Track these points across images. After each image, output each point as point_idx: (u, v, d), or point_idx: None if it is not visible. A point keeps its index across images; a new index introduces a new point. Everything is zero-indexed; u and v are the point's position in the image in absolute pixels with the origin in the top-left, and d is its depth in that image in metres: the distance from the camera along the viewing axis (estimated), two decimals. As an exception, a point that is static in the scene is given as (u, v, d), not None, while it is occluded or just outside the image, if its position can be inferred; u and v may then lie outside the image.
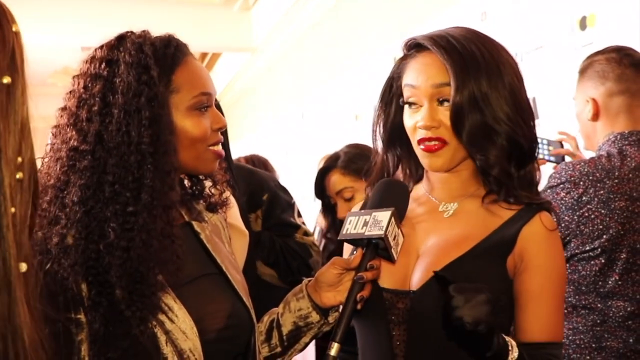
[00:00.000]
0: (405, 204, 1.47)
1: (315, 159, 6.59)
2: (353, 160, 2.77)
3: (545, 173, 2.19)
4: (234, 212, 2.28)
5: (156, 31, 1.42)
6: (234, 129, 8.59)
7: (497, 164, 1.44)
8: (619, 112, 2.18)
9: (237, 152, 3.85)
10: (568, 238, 2.11)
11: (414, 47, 1.52)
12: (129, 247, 1.24)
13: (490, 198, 1.47)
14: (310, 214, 4.87)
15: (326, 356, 1.31)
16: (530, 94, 3.86)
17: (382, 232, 1.33)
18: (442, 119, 1.43)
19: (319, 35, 6.71)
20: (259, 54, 8.18)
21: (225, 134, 2.41)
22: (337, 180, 2.84)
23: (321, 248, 3.16)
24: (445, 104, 1.43)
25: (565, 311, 2.13)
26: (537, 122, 3.80)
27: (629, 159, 2.11)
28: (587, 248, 2.09)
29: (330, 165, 2.89)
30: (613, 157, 2.12)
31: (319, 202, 3.03)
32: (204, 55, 9.73)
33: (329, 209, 2.94)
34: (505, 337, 1.32)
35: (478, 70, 1.41)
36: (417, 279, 1.42)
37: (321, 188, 2.92)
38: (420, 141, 1.45)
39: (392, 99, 1.56)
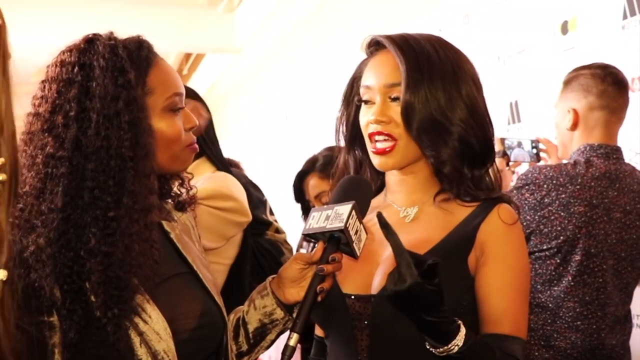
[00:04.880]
0: (368, 200, 1.47)
1: (298, 159, 6.58)
2: (331, 163, 2.74)
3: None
4: (241, 193, 2.30)
5: (141, 32, 1.41)
6: (217, 130, 8.56)
7: (448, 161, 1.44)
8: (596, 126, 2.31)
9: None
10: (528, 236, 2.22)
11: (374, 46, 1.53)
12: (111, 252, 1.23)
13: (443, 197, 1.48)
14: (293, 214, 4.87)
15: (285, 346, 1.31)
16: (512, 97, 3.91)
17: (342, 225, 1.33)
18: (392, 115, 1.44)
19: (302, 37, 6.71)
20: (242, 55, 8.17)
21: (212, 130, 2.42)
22: (315, 184, 2.83)
23: (309, 250, 3.14)
24: (397, 101, 1.44)
25: None
26: (518, 125, 3.84)
27: (593, 168, 2.23)
28: (545, 247, 2.21)
29: (308, 169, 2.88)
30: (579, 165, 2.24)
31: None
32: (187, 56, 9.69)
33: (308, 213, 2.91)
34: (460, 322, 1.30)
35: (432, 71, 1.42)
36: (376, 283, 1.42)
37: (300, 191, 2.91)
38: (370, 136, 1.46)
39: (352, 98, 1.57)
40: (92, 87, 1.28)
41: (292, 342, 1.31)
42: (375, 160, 1.48)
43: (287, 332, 1.38)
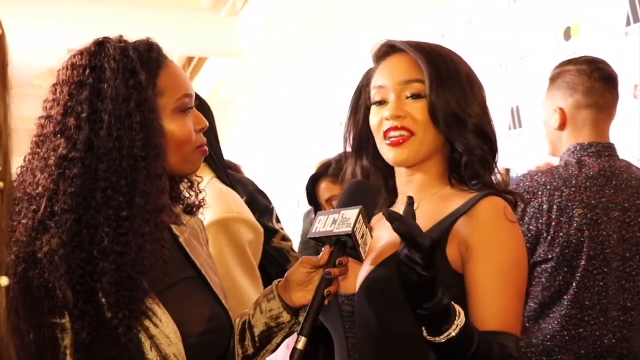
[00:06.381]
0: (375, 204, 1.49)
1: (299, 163, 6.60)
2: (343, 168, 2.76)
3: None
4: (245, 209, 2.27)
5: (144, 35, 1.42)
6: (219, 133, 8.59)
7: (477, 146, 1.46)
8: (585, 125, 2.22)
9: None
10: (534, 247, 2.13)
11: (385, 50, 1.55)
12: (124, 252, 1.24)
13: (445, 192, 1.49)
14: (293, 218, 4.87)
15: (293, 350, 1.31)
16: (513, 103, 3.91)
17: (349, 229, 1.34)
18: (409, 111, 1.45)
19: (305, 41, 6.73)
20: (245, 59, 8.19)
21: (215, 135, 2.41)
22: (327, 189, 2.86)
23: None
24: (416, 99, 1.45)
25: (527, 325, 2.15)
26: (519, 131, 3.84)
27: (587, 168, 2.15)
28: (550, 256, 2.11)
29: (321, 173, 2.91)
30: (571, 166, 2.16)
31: (302, 208, 3.03)
32: (190, 59, 9.71)
33: None
34: (455, 304, 1.28)
35: (449, 70, 1.47)
36: (359, 281, 1.45)
37: (312, 195, 2.93)
38: (386, 133, 1.46)
39: (360, 106, 1.58)
40: (103, 89, 1.30)
41: (300, 346, 1.31)
42: (390, 155, 1.47)
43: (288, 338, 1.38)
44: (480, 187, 1.46)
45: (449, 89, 1.45)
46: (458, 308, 1.27)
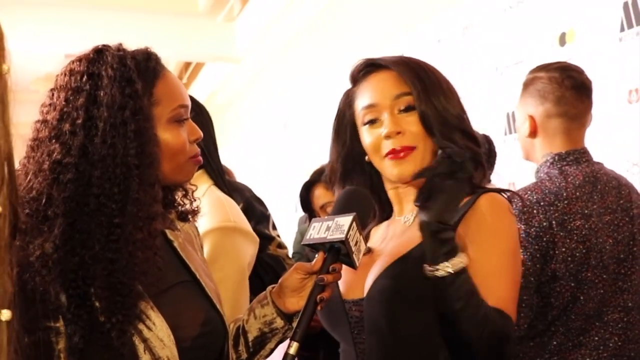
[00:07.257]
0: (369, 211, 1.50)
1: (296, 168, 6.61)
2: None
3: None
4: (243, 219, 2.27)
5: (141, 40, 1.43)
6: (217, 138, 8.59)
7: (467, 147, 1.48)
8: (556, 134, 2.18)
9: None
10: (543, 266, 2.07)
11: (366, 69, 1.58)
12: (115, 258, 1.25)
13: None
14: (291, 224, 4.88)
15: (285, 354, 1.32)
16: (508, 108, 3.92)
17: (342, 236, 1.35)
18: (405, 126, 1.48)
19: (303, 46, 6.74)
20: (242, 64, 8.20)
21: (214, 142, 2.41)
22: (321, 195, 2.86)
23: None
24: (409, 111, 1.48)
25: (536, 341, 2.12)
26: (515, 136, 3.85)
27: (571, 177, 2.12)
28: (558, 274, 2.06)
29: (314, 179, 2.91)
30: (555, 178, 2.12)
31: (300, 213, 3.04)
32: (187, 64, 9.72)
33: None
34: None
35: (430, 79, 1.50)
36: (367, 286, 1.46)
37: (307, 202, 2.93)
38: (387, 154, 1.48)
39: (345, 128, 1.60)
40: (99, 96, 1.30)
41: (292, 351, 1.32)
42: (395, 171, 1.49)
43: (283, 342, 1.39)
44: (474, 189, 1.47)
45: (435, 96, 1.48)
46: (463, 253, 1.31)
